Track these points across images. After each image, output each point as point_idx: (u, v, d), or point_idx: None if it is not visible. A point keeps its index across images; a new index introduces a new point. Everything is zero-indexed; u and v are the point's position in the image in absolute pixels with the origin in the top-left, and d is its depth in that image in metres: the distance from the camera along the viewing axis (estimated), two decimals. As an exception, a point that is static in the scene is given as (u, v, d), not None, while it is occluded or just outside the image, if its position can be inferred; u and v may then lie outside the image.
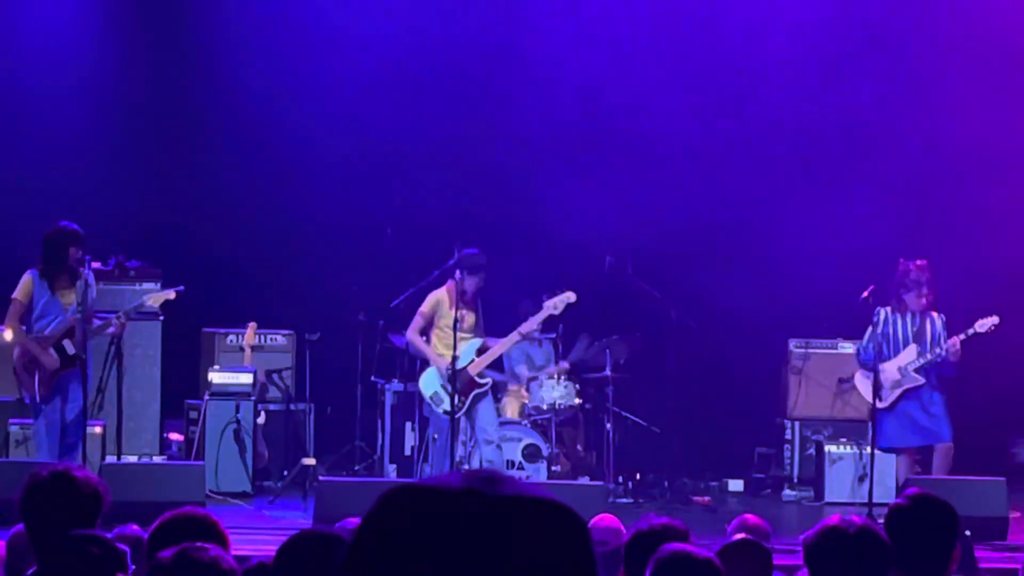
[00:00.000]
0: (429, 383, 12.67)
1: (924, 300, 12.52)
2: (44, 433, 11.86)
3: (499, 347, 12.83)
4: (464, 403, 12.51)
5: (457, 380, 12.41)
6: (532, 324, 12.99)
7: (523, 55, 15.31)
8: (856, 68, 15.37)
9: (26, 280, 11.92)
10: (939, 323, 12.59)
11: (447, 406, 12.45)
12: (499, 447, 12.63)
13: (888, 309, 12.60)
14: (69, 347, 11.79)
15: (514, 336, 12.88)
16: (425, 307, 12.60)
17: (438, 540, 1.66)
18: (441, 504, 1.68)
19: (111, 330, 12.10)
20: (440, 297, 12.56)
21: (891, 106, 15.23)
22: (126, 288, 13.63)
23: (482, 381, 12.60)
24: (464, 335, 12.45)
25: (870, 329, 12.57)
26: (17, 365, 11.97)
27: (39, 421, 11.93)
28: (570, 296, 12.65)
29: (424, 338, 12.65)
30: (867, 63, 15.35)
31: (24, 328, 11.91)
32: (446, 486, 1.71)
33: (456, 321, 12.28)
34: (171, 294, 12.30)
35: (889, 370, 12.53)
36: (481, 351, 12.63)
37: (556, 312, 12.81)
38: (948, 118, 14.98)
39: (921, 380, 12.53)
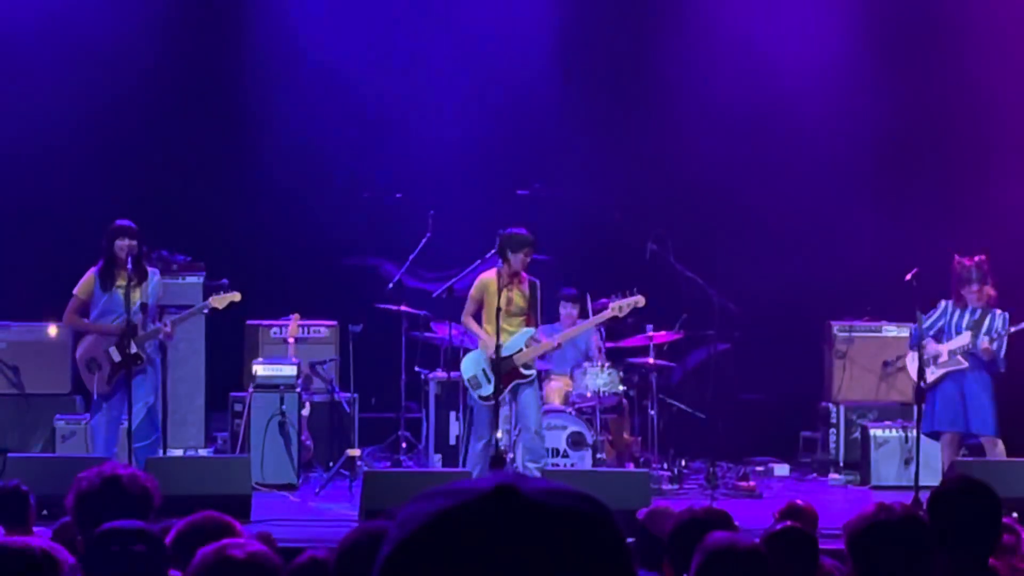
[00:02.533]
0: (469, 366, 12.53)
1: (978, 296, 12.51)
2: (102, 429, 11.93)
3: (550, 342, 12.71)
4: (502, 390, 12.43)
5: (500, 367, 12.41)
6: (591, 323, 13.00)
7: (551, 31, 15.30)
8: (904, 57, 15.30)
9: (86, 277, 12.04)
10: (1000, 320, 12.57)
11: (484, 391, 12.36)
12: (540, 435, 12.46)
13: (950, 302, 12.64)
14: (132, 346, 11.85)
15: (569, 332, 12.91)
16: (473, 290, 12.45)
17: (471, 541, 1.65)
18: (471, 505, 1.67)
19: (161, 337, 12.11)
20: (486, 280, 12.43)
21: (939, 93, 15.13)
22: (170, 283, 13.64)
23: (526, 372, 12.37)
24: (513, 317, 12.36)
25: (930, 312, 12.57)
26: (79, 363, 12.07)
27: (97, 417, 12.00)
28: (639, 300, 12.62)
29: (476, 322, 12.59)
30: (917, 53, 15.27)
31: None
32: (474, 488, 1.69)
33: (500, 305, 12.25)
34: (236, 296, 12.31)
35: (939, 351, 12.52)
36: (531, 342, 12.50)
37: (620, 315, 12.81)
38: (1001, 104, 14.90)
39: (964, 364, 12.49)
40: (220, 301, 12.30)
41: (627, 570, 1.69)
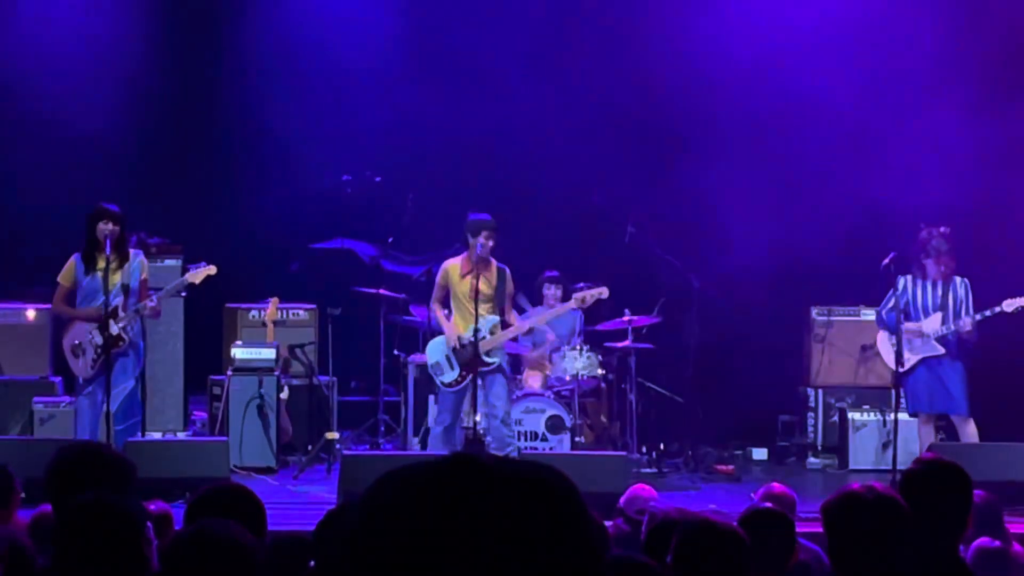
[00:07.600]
0: (434, 351, 12.57)
1: (944, 268, 12.45)
2: (85, 411, 11.89)
3: (513, 330, 12.67)
4: (465, 378, 12.40)
5: (463, 354, 12.38)
6: (553, 313, 13.00)
7: (533, 22, 15.28)
8: (879, 41, 15.33)
9: (68, 263, 11.99)
10: (962, 290, 12.51)
11: (447, 378, 12.40)
12: (507, 423, 12.38)
13: (909, 277, 12.55)
14: (113, 327, 11.81)
15: (531, 321, 12.84)
16: (439, 277, 12.48)
17: (434, 513, 1.67)
18: (433, 478, 1.70)
19: (147, 313, 12.06)
20: (449, 267, 12.45)
21: (917, 75, 15.15)
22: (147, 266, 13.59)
23: (489, 360, 12.28)
24: (482, 304, 12.27)
25: (890, 293, 12.50)
26: (65, 348, 12.03)
27: (80, 400, 11.97)
28: (603, 292, 12.55)
29: (446, 310, 12.56)
30: (891, 35, 15.31)
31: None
32: (435, 462, 1.72)
33: (462, 292, 12.29)
34: (212, 269, 12.23)
35: (913, 333, 12.47)
36: (496, 329, 12.42)
37: (583, 307, 12.78)
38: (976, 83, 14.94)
39: (941, 350, 12.47)
40: (196, 276, 12.22)
41: (584, 537, 1.70)
